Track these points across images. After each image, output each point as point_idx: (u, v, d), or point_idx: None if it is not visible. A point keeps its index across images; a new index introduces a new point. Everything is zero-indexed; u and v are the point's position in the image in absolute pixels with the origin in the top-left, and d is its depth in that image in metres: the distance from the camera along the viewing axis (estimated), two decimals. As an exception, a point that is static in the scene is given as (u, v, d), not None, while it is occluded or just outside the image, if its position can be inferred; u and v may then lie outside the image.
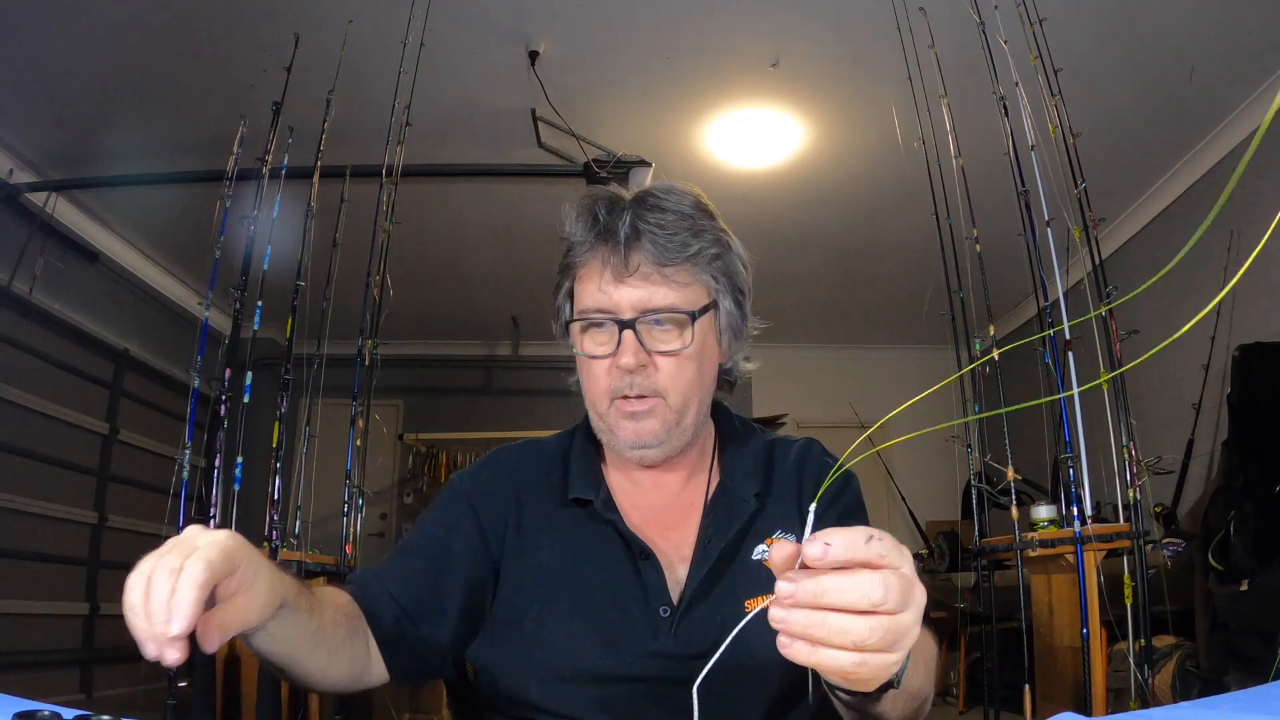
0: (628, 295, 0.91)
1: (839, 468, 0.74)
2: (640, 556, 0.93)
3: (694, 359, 0.93)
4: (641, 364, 0.91)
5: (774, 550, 0.54)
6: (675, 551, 0.95)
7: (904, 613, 0.51)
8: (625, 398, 0.92)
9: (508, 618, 0.93)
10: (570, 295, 0.99)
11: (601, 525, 0.95)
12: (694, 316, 0.92)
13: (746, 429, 1.07)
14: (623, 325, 0.91)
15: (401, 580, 0.92)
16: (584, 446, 1.02)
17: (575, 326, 0.96)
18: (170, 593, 0.55)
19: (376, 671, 0.88)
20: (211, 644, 0.58)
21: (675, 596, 0.92)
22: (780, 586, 0.52)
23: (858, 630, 0.50)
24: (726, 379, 1.04)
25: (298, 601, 0.72)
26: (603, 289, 0.92)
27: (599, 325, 0.93)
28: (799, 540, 0.53)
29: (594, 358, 0.93)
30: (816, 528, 0.54)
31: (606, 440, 0.96)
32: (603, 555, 0.94)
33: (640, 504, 0.99)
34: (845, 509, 1.00)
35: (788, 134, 4.13)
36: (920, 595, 0.53)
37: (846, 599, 0.50)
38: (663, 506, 0.99)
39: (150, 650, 0.55)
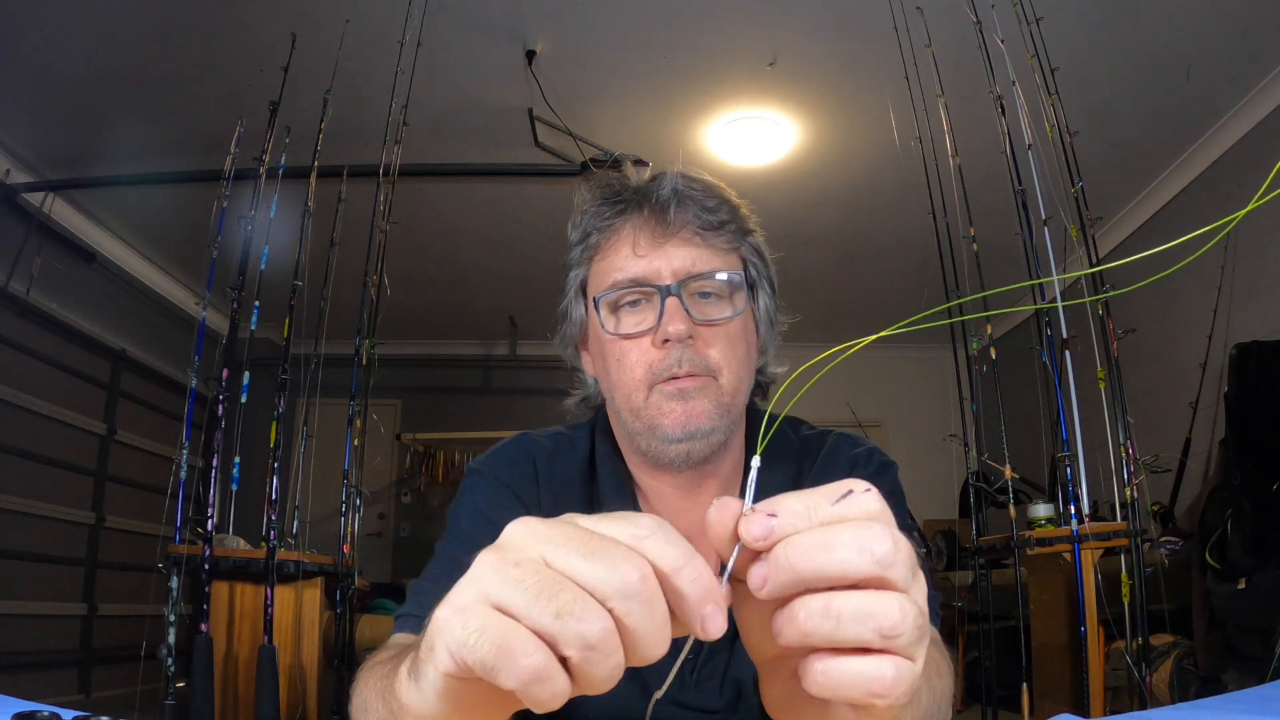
0: (669, 259, 0.80)
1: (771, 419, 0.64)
2: None
3: (742, 338, 0.83)
4: (690, 334, 0.78)
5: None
6: None
7: (917, 597, 0.37)
8: (672, 378, 0.79)
9: None
10: (583, 289, 0.88)
11: None
12: (746, 281, 0.83)
13: (779, 435, 0.93)
14: (665, 293, 0.79)
15: None
16: (610, 453, 0.90)
17: (604, 306, 0.82)
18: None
19: None
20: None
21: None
22: (752, 571, 0.38)
23: (885, 609, 0.35)
24: (759, 378, 0.92)
25: None
26: (639, 254, 0.81)
27: (633, 303, 0.81)
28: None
29: (629, 336, 0.81)
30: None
31: (644, 443, 0.82)
32: None
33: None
34: None
35: (784, 133, 4.13)
36: (923, 582, 0.38)
37: (838, 558, 0.35)
38: (696, 531, 0.86)
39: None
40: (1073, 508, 2.49)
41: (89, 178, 4.14)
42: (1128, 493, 2.50)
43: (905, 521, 0.87)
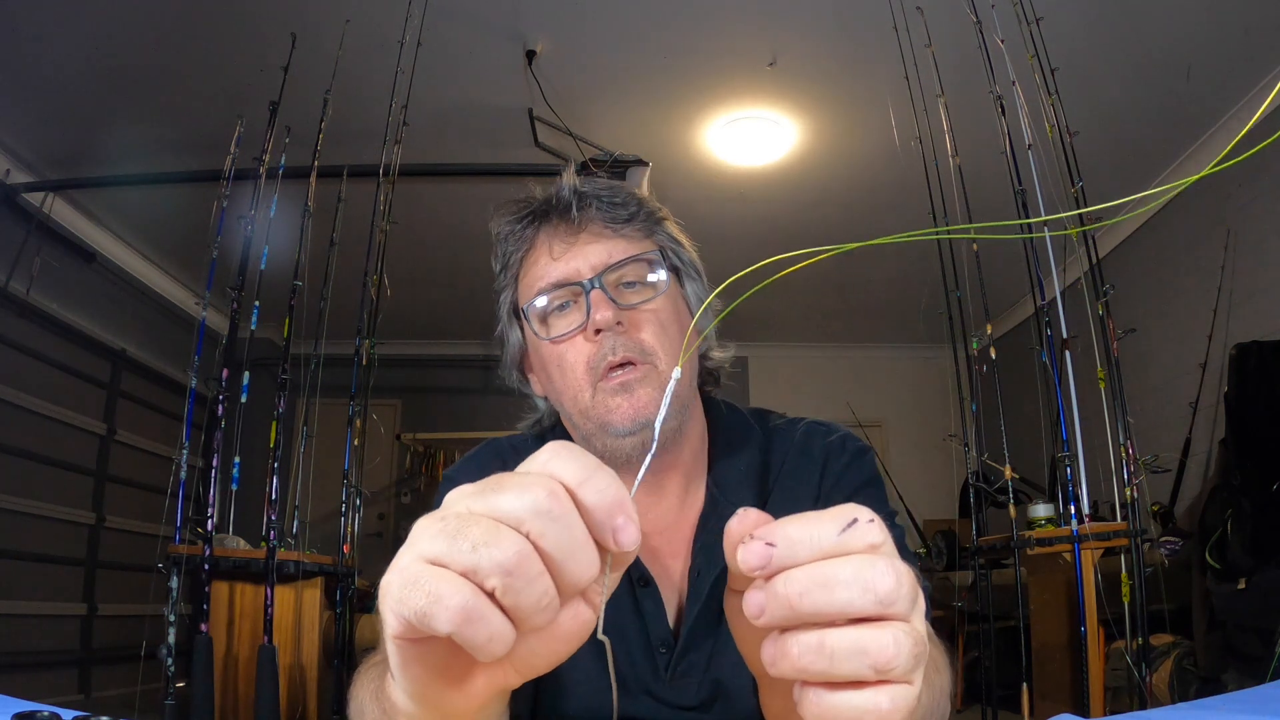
0: (584, 256, 0.82)
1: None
2: (639, 583, 0.81)
3: (675, 320, 0.83)
4: (618, 320, 0.79)
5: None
6: (678, 580, 0.83)
7: (916, 621, 0.37)
8: (610, 370, 0.79)
9: None
10: (515, 310, 0.88)
11: None
12: (664, 260, 0.84)
13: (740, 424, 0.92)
14: (588, 287, 0.80)
15: None
16: None
17: (534, 318, 0.84)
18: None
19: None
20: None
21: (675, 634, 0.82)
22: (749, 598, 0.37)
23: (880, 645, 0.35)
24: (706, 364, 0.92)
25: None
26: (555, 257, 0.83)
27: (561, 308, 0.83)
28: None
29: (562, 338, 0.82)
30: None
31: (598, 443, 0.81)
32: None
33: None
34: (852, 491, 0.85)
35: (785, 133, 4.13)
36: (922, 603, 0.38)
37: (839, 598, 0.35)
38: (662, 527, 0.86)
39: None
40: (1073, 508, 2.49)
41: (89, 178, 4.14)
42: (1128, 493, 2.50)
43: (885, 508, 0.87)
